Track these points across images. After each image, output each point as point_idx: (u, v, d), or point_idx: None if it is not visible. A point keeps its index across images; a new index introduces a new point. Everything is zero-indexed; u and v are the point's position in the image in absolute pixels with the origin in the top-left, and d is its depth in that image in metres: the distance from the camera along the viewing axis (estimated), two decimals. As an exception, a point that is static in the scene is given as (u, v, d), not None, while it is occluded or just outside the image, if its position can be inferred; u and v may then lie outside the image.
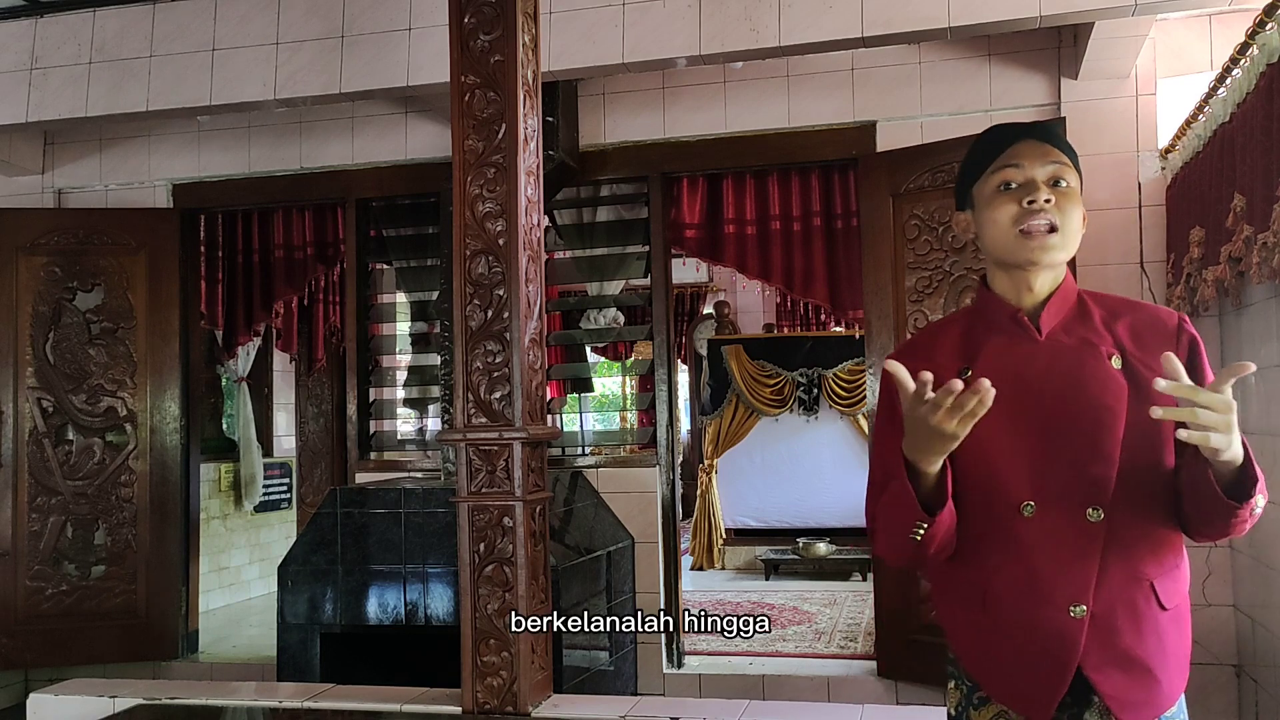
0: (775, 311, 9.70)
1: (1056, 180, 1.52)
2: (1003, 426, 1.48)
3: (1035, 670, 1.49)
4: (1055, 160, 1.53)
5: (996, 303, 1.58)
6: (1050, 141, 1.55)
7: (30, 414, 4.82)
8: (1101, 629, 1.46)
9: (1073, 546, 1.46)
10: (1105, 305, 1.57)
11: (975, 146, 1.61)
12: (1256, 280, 2.78)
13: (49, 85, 4.31)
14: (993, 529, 1.51)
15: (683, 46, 3.74)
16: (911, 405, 1.38)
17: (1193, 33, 4.00)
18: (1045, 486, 1.48)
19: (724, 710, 3.17)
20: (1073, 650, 1.46)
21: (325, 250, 5.28)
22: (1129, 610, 1.47)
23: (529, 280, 3.19)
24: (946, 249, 4.06)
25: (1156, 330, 1.53)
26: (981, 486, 1.51)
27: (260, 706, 3.48)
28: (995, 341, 1.56)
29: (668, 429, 4.55)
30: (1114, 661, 1.46)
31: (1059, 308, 1.55)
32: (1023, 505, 1.48)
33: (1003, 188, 1.54)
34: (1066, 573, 1.47)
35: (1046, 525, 1.47)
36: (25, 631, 4.75)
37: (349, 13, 4.03)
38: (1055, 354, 1.52)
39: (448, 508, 3.77)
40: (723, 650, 4.85)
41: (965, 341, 1.59)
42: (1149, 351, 1.49)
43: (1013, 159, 1.54)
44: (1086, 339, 1.52)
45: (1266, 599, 3.37)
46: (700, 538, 7.52)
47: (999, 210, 1.53)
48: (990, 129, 1.62)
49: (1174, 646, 1.51)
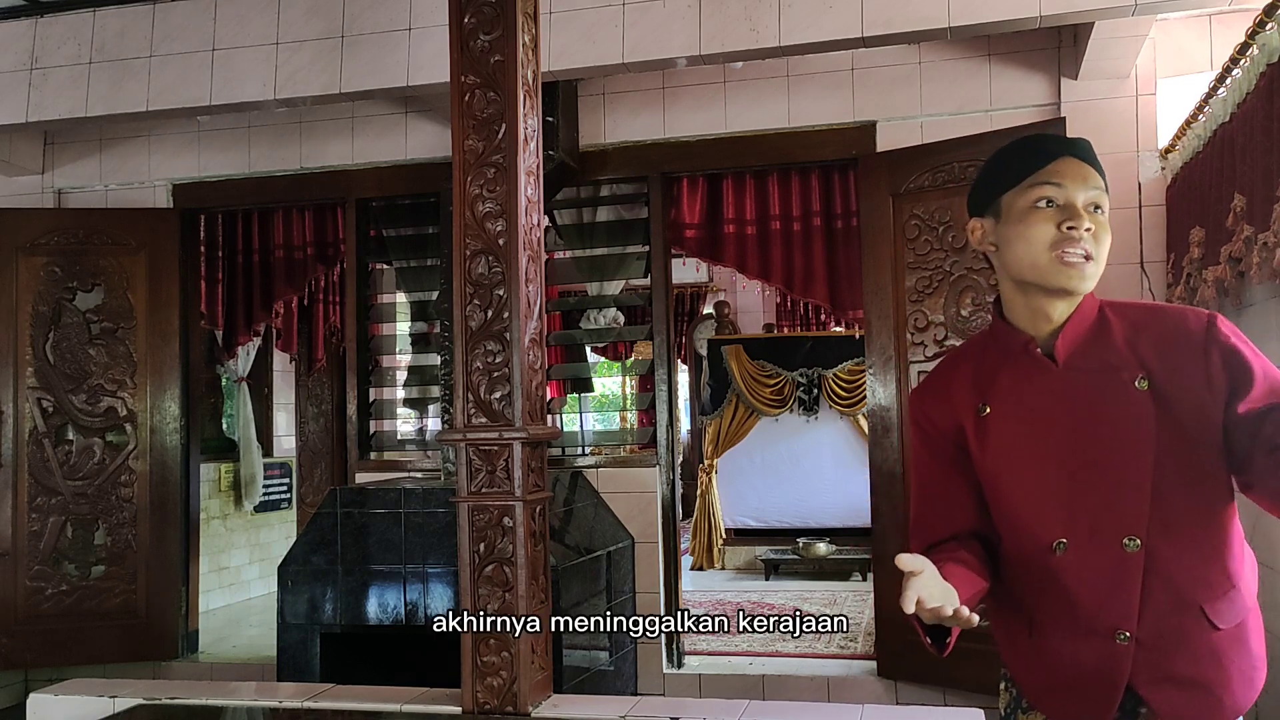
0: (775, 311, 9.70)
1: (1096, 206, 1.46)
2: (1026, 464, 1.45)
3: (1084, 693, 1.46)
4: (1095, 185, 1.46)
5: (1008, 332, 1.52)
6: (1090, 162, 1.48)
7: (30, 414, 4.82)
8: (1150, 653, 1.42)
9: (1111, 577, 1.42)
10: (1127, 318, 1.49)
11: (1012, 153, 1.52)
12: (1257, 280, 2.78)
13: (49, 85, 4.31)
14: (1027, 566, 1.48)
15: (683, 46, 3.74)
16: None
17: (1193, 33, 4.00)
18: (1076, 522, 1.43)
19: (724, 710, 3.16)
20: (1120, 674, 1.43)
21: (325, 250, 5.28)
22: (1178, 635, 1.42)
23: (529, 280, 3.19)
24: (946, 249, 4.06)
25: (1182, 343, 1.43)
26: (1010, 527, 1.49)
27: (260, 706, 3.48)
28: (1010, 374, 1.50)
29: (668, 429, 4.55)
30: (1166, 681, 1.43)
31: (1075, 332, 1.47)
32: (1055, 544, 1.44)
33: (1042, 204, 1.45)
34: (1108, 603, 1.43)
35: (1081, 560, 1.44)
36: (25, 631, 4.75)
37: (349, 13, 4.03)
38: (1073, 384, 1.45)
39: (448, 508, 3.77)
40: (723, 650, 4.85)
41: (978, 375, 1.54)
42: (1178, 368, 1.42)
43: (1055, 176, 1.45)
44: (1107, 363, 1.45)
45: (1266, 599, 3.36)
46: (700, 538, 7.52)
47: (1035, 228, 1.44)
48: (1031, 137, 1.53)
49: (1236, 663, 1.45)
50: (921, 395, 1.62)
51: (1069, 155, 1.48)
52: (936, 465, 1.58)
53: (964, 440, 1.53)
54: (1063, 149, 1.48)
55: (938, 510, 1.58)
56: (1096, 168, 1.48)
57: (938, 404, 1.55)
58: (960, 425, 1.53)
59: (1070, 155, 1.48)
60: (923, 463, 1.61)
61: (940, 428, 1.56)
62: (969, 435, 1.52)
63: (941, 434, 1.56)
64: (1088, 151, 1.50)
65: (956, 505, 1.56)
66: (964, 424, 1.52)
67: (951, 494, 1.56)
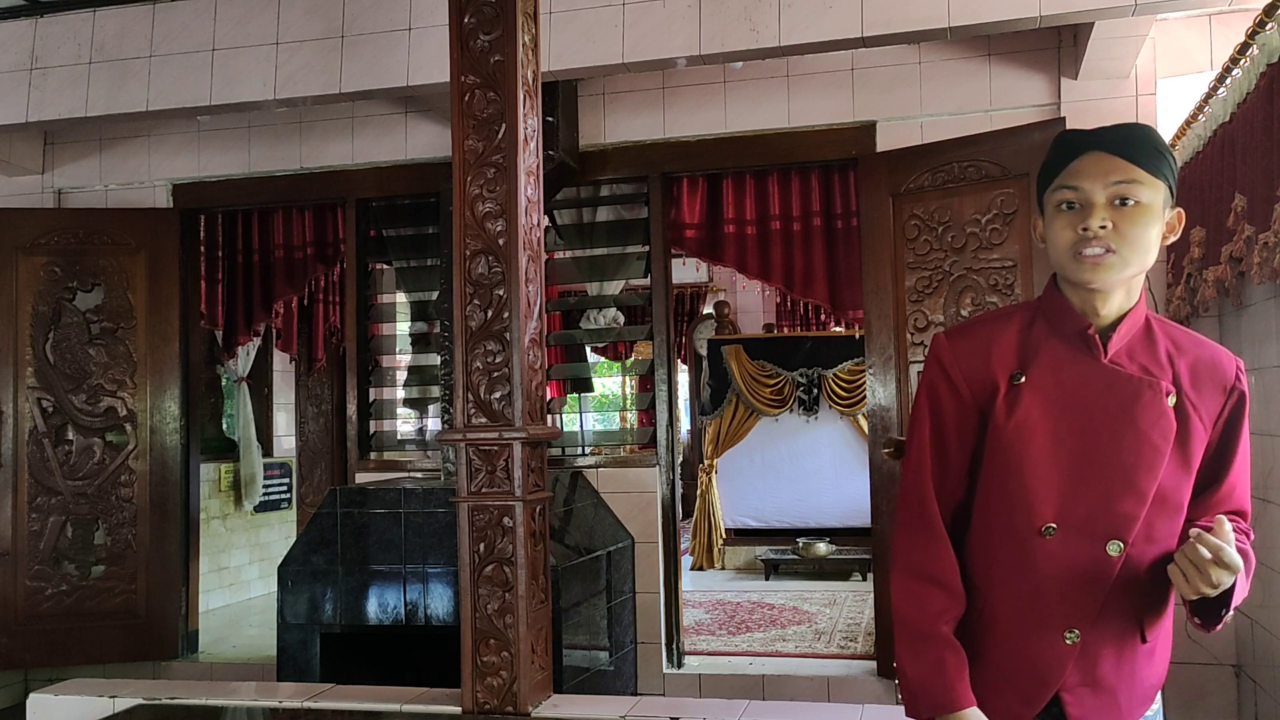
0: (775, 311, 9.70)
1: (1122, 199, 1.43)
2: (1044, 442, 1.46)
3: (1016, 687, 1.49)
4: (1120, 177, 1.43)
5: (1067, 310, 1.51)
6: (1121, 153, 1.44)
7: (30, 414, 4.82)
8: (1087, 656, 1.47)
9: (1084, 575, 1.45)
10: (1171, 337, 1.51)
11: (1050, 151, 1.52)
12: (1257, 280, 2.78)
13: (49, 85, 4.31)
14: (1008, 544, 1.49)
15: (683, 46, 3.74)
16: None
17: (1193, 33, 4.00)
18: (1071, 512, 1.45)
19: (724, 710, 3.17)
20: (1059, 674, 1.46)
21: (325, 250, 5.28)
22: (1115, 641, 1.48)
23: (529, 280, 3.19)
24: (946, 249, 4.06)
25: (1214, 376, 1.49)
26: (1007, 499, 1.49)
27: (260, 706, 3.48)
28: (1055, 350, 1.50)
29: (668, 429, 4.55)
30: (1087, 684, 1.47)
31: (1128, 330, 1.49)
32: (1044, 527, 1.45)
33: (1063, 206, 1.47)
34: (1072, 599, 1.46)
35: (1063, 550, 1.45)
36: (25, 631, 4.75)
37: (349, 13, 4.03)
38: (1114, 380, 1.46)
39: (448, 508, 3.77)
40: (723, 650, 4.85)
41: (1024, 341, 1.53)
42: (1203, 396, 1.47)
43: (1072, 178, 1.46)
44: (1148, 369, 1.47)
45: (1265, 599, 3.37)
46: (700, 538, 7.52)
47: (1058, 232, 1.48)
48: (1063, 134, 1.53)
49: (1143, 678, 1.51)
50: (956, 341, 1.57)
51: (1092, 150, 1.46)
52: (942, 423, 1.55)
53: (990, 401, 1.50)
54: (1086, 145, 1.47)
55: (941, 483, 1.55)
56: (1133, 155, 1.44)
57: (973, 357, 1.52)
58: (994, 384, 1.50)
59: (1094, 150, 1.46)
60: (929, 412, 1.56)
61: (970, 380, 1.52)
62: (999, 399, 1.50)
63: (969, 387, 1.52)
64: (1120, 141, 1.46)
65: (954, 479, 1.55)
66: (998, 384, 1.50)
67: (954, 463, 1.54)
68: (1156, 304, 3.89)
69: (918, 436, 1.57)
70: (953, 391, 1.54)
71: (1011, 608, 1.49)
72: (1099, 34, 3.68)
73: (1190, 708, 3.76)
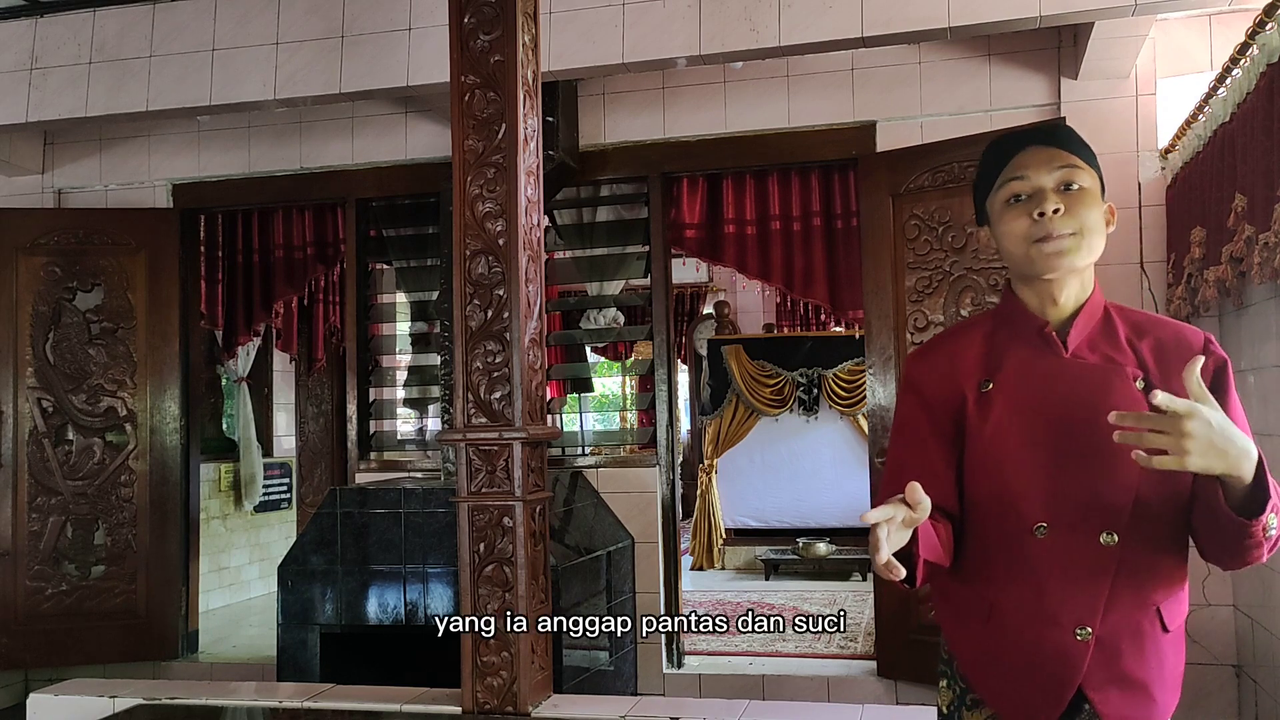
0: (775, 311, 9.70)
1: (1067, 184, 1.48)
2: (1021, 444, 1.46)
3: (1036, 687, 1.47)
4: (1063, 164, 1.48)
5: (1023, 313, 1.54)
6: (1057, 144, 1.50)
7: (30, 414, 4.82)
8: (1105, 651, 1.45)
9: (1083, 569, 1.44)
10: (1131, 321, 1.53)
11: (982, 160, 1.57)
12: (1258, 280, 2.78)
13: (49, 85, 4.31)
14: (1003, 547, 1.49)
15: (683, 46, 3.74)
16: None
17: (1193, 33, 4.00)
18: (1060, 509, 1.45)
19: (724, 710, 3.17)
20: (1075, 671, 1.45)
21: (325, 250, 5.28)
22: (1133, 633, 1.45)
23: (529, 280, 3.19)
24: (946, 249, 4.06)
25: (1181, 352, 1.46)
26: (995, 504, 1.49)
27: (260, 706, 3.48)
28: (1018, 354, 1.52)
29: (668, 429, 4.55)
30: (1114, 682, 1.45)
31: (1086, 322, 1.50)
32: (1035, 527, 1.45)
33: (1012, 200, 1.50)
34: (1075, 595, 1.45)
35: (1058, 547, 1.45)
36: (25, 631, 4.75)
37: (349, 13, 4.03)
38: (1080, 374, 1.48)
39: (448, 508, 3.77)
40: (723, 650, 4.85)
41: (988, 350, 1.55)
42: (1172, 374, 1.44)
43: (1018, 170, 1.50)
44: (1111, 358, 1.48)
45: (1266, 599, 3.37)
46: (700, 538, 7.52)
47: (1010, 224, 1.49)
48: (993, 140, 1.58)
49: (1171, 666, 1.50)
50: (923, 358, 1.60)
51: (1030, 145, 1.51)
52: (921, 435, 1.57)
53: (961, 412, 1.53)
54: (1023, 141, 1.52)
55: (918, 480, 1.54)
56: (1067, 145, 1.50)
57: (938, 373, 1.54)
58: (962, 396, 1.53)
59: (1032, 145, 1.51)
60: (907, 427, 1.59)
61: (940, 395, 1.55)
62: (969, 408, 1.52)
63: (940, 401, 1.55)
64: (1054, 133, 1.53)
65: (941, 493, 1.53)
66: (966, 395, 1.52)
67: (930, 465, 1.54)
68: (1157, 304, 3.89)
69: (893, 458, 1.60)
70: (926, 408, 1.57)
71: (1018, 609, 1.48)
72: (1099, 34, 3.68)
73: (1190, 708, 3.76)
